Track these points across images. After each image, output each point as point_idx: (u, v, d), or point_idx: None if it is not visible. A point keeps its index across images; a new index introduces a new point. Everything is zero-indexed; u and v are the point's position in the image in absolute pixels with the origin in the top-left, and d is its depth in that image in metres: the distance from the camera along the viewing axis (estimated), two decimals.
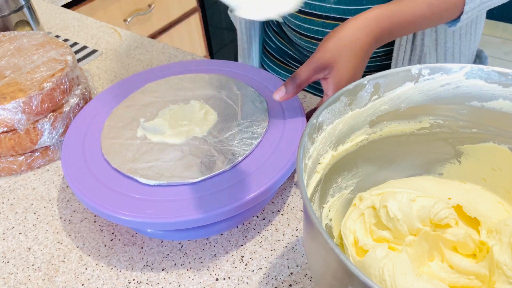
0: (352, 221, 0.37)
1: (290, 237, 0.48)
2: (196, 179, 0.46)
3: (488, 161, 0.39)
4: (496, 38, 2.45)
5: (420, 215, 0.35)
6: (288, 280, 0.44)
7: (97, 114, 0.57)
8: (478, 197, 0.37)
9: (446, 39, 0.65)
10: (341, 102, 0.35)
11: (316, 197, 0.36)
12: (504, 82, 0.34)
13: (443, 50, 0.66)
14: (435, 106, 0.37)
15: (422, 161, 0.41)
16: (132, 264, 0.47)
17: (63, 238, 0.50)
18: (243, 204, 0.43)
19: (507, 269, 0.31)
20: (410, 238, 0.35)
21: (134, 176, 0.47)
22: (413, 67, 0.36)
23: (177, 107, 0.56)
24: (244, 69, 0.63)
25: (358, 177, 0.41)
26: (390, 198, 0.35)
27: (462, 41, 0.67)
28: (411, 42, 0.63)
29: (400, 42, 0.63)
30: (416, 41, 0.63)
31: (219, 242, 0.48)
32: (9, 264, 0.48)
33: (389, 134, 0.39)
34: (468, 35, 0.67)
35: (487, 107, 0.36)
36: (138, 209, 0.43)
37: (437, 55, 0.66)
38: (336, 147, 0.37)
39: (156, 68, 0.65)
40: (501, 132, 0.37)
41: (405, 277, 0.30)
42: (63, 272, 0.47)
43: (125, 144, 0.51)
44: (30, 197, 0.56)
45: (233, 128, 0.52)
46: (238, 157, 0.48)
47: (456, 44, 0.66)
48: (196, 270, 0.46)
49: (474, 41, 0.71)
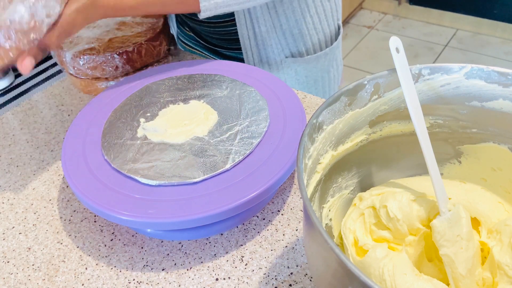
0: (352, 221, 0.37)
1: (290, 237, 0.48)
2: (197, 179, 0.46)
3: (488, 161, 0.39)
4: (496, 38, 2.45)
5: (420, 215, 0.35)
6: (288, 280, 0.44)
7: (97, 115, 0.57)
8: (478, 197, 0.37)
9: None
10: (341, 102, 0.35)
11: (316, 197, 0.36)
12: (504, 82, 0.34)
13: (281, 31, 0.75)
14: (435, 106, 0.37)
15: (422, 161, 0.41)
16: (132, 264, 0.47)
17: (63, 238, 0.50)
18: (243, 204, 0.43)
19: (509, 269, 0.31)
20: (410, 238, 0.35)
21: (134, 176, 0.47)
22: (413, 67, 0.36)
23: (177, 107, 0.56)
24: (244, 69, 0.63)
25: (358, 177, 0.41)
26: (390, 198, 0.35)
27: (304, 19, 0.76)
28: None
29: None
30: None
31: (219, 242, 0.48)
32: (9, 264, 0.48)
33: (389, 134, 0.39)
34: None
35: (487, 107, 0.36)
36: (138, 209, 0.43)
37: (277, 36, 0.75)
38: (336, 147, 0.37)
39: (156, 68, 0.65)
40: (501, 132, 0.37)
41: (405, 277, 0.30)
42: (63, 272, 0.47)
43: (126, 144, 0.51)
44: (30, 197, 0.56)
45: (233, 128, 0.52)
46: (238, 157, 0.48)
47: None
48: (196, 270, 0.46)
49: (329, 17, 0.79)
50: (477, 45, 2.41)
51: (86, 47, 0.69)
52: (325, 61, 0.84)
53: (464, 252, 0.32)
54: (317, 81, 0.85)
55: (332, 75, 0.88)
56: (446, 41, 2.47)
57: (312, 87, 0.86)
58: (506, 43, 2.40)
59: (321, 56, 0.82)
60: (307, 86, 0.85)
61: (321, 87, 0.87)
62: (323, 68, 0.84)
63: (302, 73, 0.82)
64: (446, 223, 0.32)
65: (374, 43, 2.52)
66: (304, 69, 0.81)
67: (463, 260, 0.32)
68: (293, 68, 0.80)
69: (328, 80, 0.88)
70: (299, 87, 0.84)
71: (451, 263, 0.32)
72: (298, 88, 0.84)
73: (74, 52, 0.68)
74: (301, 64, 0.80)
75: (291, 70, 0.80)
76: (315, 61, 0.82)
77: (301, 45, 0.78)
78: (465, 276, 0.32)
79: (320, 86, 0.87)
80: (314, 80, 0.85)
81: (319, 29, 0.79)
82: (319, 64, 0.83)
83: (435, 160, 0.34)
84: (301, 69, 0.81)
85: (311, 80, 0.84)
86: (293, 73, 0.81)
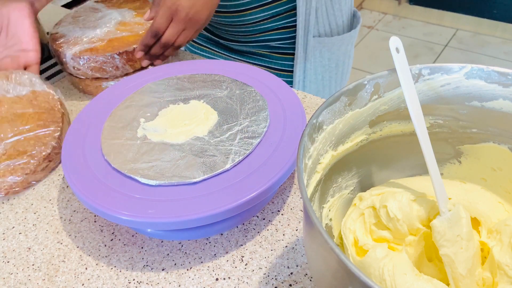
0: (352, 221, 0.37)
1: (290, 237, 0.48)
2: (197, 179, 0.46)
3: (488, 161, 0.39)
4: (496, 38, 2.45)
5: (420, 215, 0.35)
6: (288, 280, 0.44)
7: (97, 115, 0.57)
8: (478, 197, 0.37)
9: None
10: (341, 102, 0.35)
11: (316, 197, 0.36)
12: (504, 82, 0.34)
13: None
14: (435, 106, 0.37)
15: (422, 161, 0.41)
16: (132, 264, 0.47)
17: (63, 238, 0.50)
18: (243, 204, 0.43)
19: (509, 269, 0.31)
20: (410, 238, 0.35)
21: (134, 176, 0.47)
22: (413, 67, 0.36)
23: (177, 107, 0.56)
24: (244, 69, 0.63)
25: (358, 177, 0.41)
26: (390, 198, 0.35)
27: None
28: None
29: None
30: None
31: (219, 242, 0.48)
32: (9, 264, 0.48)
33: (389, 134, 0.39)
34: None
35: (487, 107, 0.36)
36: (138, 209, 0.43)
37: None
38: (336, 147, 0.37)
39: (156, 68, 0.65)
40: (501, 132, 0.37)
41: (405, 277, 0.30)
42: (63, 272, 0.47)
43: (126, 144, 0.51)
44: (30, 197, 0.56)
45: (233, 128, 0.52)
46: (238, 156, 0.48)
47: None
48: (196, 270, 0.46)
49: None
50: (477, 45, 2.41)
51: (86, 47, 0.69)
52: (348, 45, 0.86)
53: (464, 252, 0.32)
54: (337, 66, 0.88)
55: (347, 65, 0.91)
56: (446, 41, 2.47)
57: (333, 72, 0.88)
58: (506, 43, 2.40)
59: (345, 39, 0.84)
60: (329, 70, 0.87)
61: (340, 72, 0.90)
62: (345, 53, 0.87)
63: (326, 55, 0.84)
64: (446, 223, 0.32)
65: (374, 43, 2.52)
66: (329, 51, 0.84)
67: (463, 260, 0.32)
68: (318, 49, 0.82)
69: (347, 66, 0.91)
70: (322, 70, 0.86)
71: (451, 263, 0.32)
72: (321, 72, 0.86)
73: (74, 52, 0.68)
74: (326, 45, 0.82)
75: (317, 51, 0.82)
76: (339, 43, 0.84)
77: (327, 26, 0.81)
78: (465, 276, 0.32)
79: (340, 72, 0.89)
80: (335, 63, 0.87)
81: (345, 11, 0.82)
82: (343, 47, 0.85)
83: (435, 160, 0.34)
84: (326, 51, 0.83)
85: (333, 63, 0.86)
86: (318, 53, 0.83)
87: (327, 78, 0.87)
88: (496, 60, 2.28)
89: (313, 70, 0.85)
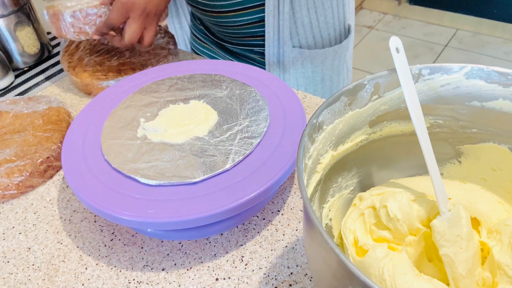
0: (352, 221, 0.37)
1: (290, 237, 0.48)
2: (197, 178, 0.46)
3: (488, 161, 0.39)
4: (496, 38, 2.45)
5: (420, 215, 0.35)
6: (288, 280, 0.44)
7: (97, 115, 0.57)
8: (478, 197, 0.37)
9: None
10: (341, 102, 0.35)
11: (316, 197, 0.36)
12: (504, 82, 0.34)
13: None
14: (435, 106, 0.37)
15: (422, 161, 0.41)
16: (132, 264, 0.47)
17: (63, 238, 0.50)
18: (243, 204, 0.43)
19: (509, 269, 0.31)
20: (410, 238, 0.35)
21: (134, 176, 0.47)
22: (413, 67, 0.36)
23: (177, 107, 0.56)
24: (244, 69, 0.63)
25: (358, 177, 0.41)
26: (390, 198, 0.35)
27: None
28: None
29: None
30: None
31: (219, 242, 0.48)
32: (9, 264, 0.48)
33: (389, 134, 0.39)
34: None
35: (487, 107, 0.36)
36: (138, 209, 0.43)
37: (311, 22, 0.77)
38: (336, 147, 0.37)
39: (156, 68, 0.65)
40: (501, 132, 0.37)
41: (405, 277, 0.30)
42: (63, 272, 0.47)
43: (126, 144, 0.51)
44: (30, 197, 0.56)
45: (233, 128, 0.52)
46: (238, 156, 0.48)
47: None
48: (196, 270, 0.46)
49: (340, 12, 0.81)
50: (477, 45, 2.41)
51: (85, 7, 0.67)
52: (334, 60, 0.84)
53: (464, 252, 0.32)
54: (324, 80, 0.85)
55: (342, 79, 0.88)
56: (446, 41, 2.47)
57: (319, 85, 0.86)
58: (506, 43, 2.40)
59: (329, 53, 0.82)
60: (313, 83, 0.85)
61: (328, 87, 0.87)
62: (332, 67, 0.84)
63: (309, 67, 0.82)
64: (446, 223, 0.32)
65: (374, 43, 2.52)
66: (311, 63, 0.82)
67: (463, 260, 0.32)
68: (300, 60, 0.81)
69: (337, 82, 0.88)
70: (304, 82, 0.84)
71: (451, 263, 0.32)
72: (303, 84, 0.84)
73: (74, 10, 0.66)
74: (308, 57, 0.81)
75: (298, 62, 0.81)
76: (322, 56, 0.82)
77: (310, 37, 0.79)
78: (465, 276, 0.32)
79: (328, 87, 0.87)
80: (321, 78, 0.85)
81: (332, 24, 0.80)
82: (327, 61, 0.83)
83: (435, 160, 0.34)
84: (308, 63, 0.81)
85: (317, 77, 0.84)
86: (300, 65, 0.81)
87: (312, 91, 0.85)
88: (496, 60, 2.28)
89: (294, 81, 0.83)
